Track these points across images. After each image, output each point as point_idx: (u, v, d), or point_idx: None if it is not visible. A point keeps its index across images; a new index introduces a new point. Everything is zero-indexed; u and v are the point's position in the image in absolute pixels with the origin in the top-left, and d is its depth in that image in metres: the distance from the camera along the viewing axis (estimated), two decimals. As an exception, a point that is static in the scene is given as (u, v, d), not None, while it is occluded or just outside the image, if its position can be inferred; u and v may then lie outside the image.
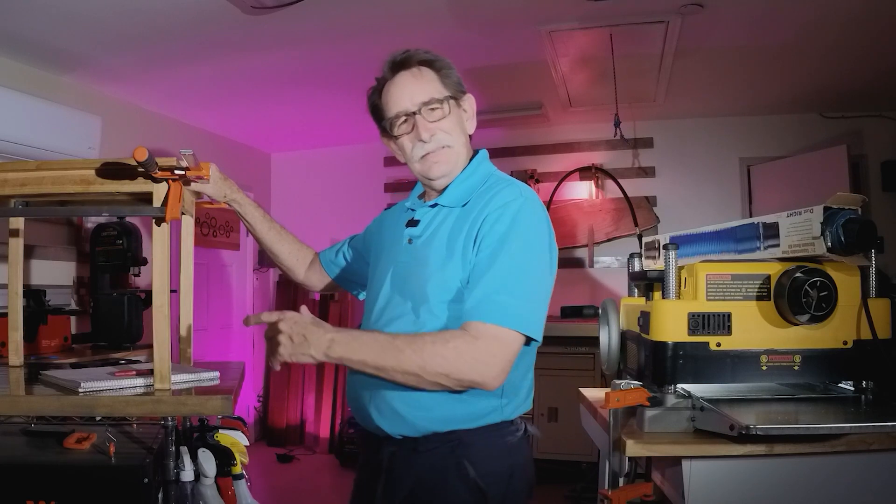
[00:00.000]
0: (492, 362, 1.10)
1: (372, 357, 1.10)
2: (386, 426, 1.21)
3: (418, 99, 1.26)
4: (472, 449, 1.18)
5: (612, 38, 3.00)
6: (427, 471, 1.18)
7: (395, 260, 1.31)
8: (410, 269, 1.26)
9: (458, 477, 1.17)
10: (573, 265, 4.55)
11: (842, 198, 1.32)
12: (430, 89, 1.27)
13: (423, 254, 1.25)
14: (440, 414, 1.17)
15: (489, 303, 1.12)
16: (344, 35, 2.95)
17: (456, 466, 1.17)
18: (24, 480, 1.44)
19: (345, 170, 5.18)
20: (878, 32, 2.91)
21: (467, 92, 1.35)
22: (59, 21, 2.62)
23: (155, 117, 4.02)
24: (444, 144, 1.28)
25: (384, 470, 1.23)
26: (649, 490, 1.45)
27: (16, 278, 1.57)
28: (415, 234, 1.30)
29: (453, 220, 1.25)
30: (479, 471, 1.17)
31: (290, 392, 4.96)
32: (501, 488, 1.19)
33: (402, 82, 1.28)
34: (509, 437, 1.23)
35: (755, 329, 1.37)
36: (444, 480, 1.17)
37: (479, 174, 1.32)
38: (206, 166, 1.36)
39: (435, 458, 1.18)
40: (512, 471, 1.22)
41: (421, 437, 1.19)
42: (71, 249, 3.33)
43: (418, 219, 1.32)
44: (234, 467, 1.98)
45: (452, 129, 1.29)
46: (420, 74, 1.29)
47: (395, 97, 1.28)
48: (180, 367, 1.49)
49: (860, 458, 1.27)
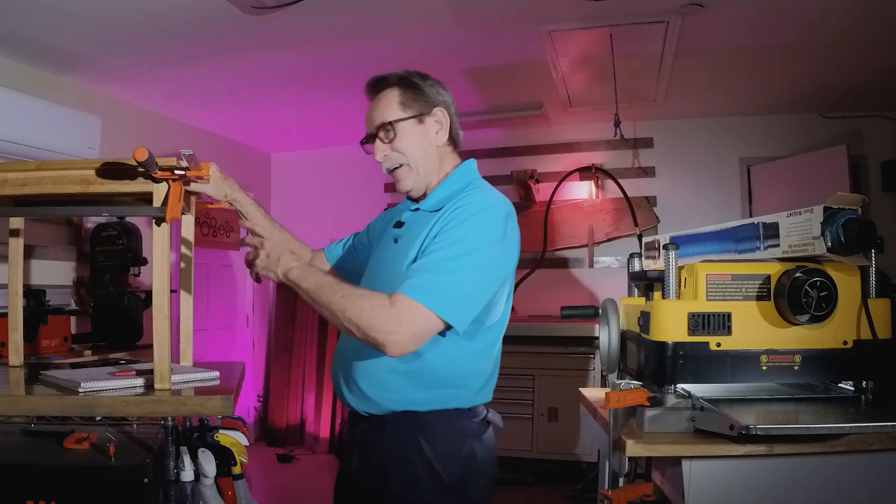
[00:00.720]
0: (397, 329, 1.15)
1: (313, 289, 1.22)
2: (355, 404, 1.33)
3: (374, 124, 1.38)
4: (429, 430, 1.27)
5: (612, 38, 3.00)
6: (394, 447, 1.28)
7: (382, 258, 1.42)
8: (390, 268, 1.35)
9: (417, 455, 1.26)
10: (573, 265, 4.56)
11: (842, 198, 1.32)
12: (385, 113, 1.36)
13: (401, 254, 1.34)
14: (400, 396, 1.27)
15: (416, 279, 1.19)
16: (344, 35, 2.95)
17: (416, 445, 1.26)
18: (24, 480, 1.44)
19: (345, 170, 5.17)
20: (878, 32, 2.91)
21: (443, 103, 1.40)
22: (59, 21, 2.62)
23: (155, 117, 4.02)
24: (396, 164, 1.37)
25: (358, 444, 1.34)
26: (649, 490, 1.45)
27: (16, 278, 1.57)
28: (399, 234, 1.40)
29: (430, 223, 1.32)
30: (435, 452, 1.26)
31: (290, 392, 4.96)
32: (457, 470, 1.27)
33: (369, 106, 1.41)
34: (466, 421, 1.31)
35: (755, 329, 1.37)
36: (407, 457, 1.26)
37: (461, 182, 1.38)
38: (205, 166, 1.36)
39: (400, 435, 1.27)
40: (468, 454, 1.29)
41: (387, 414, 1.29)
42: (71, 249, 3.33)
43: (403, 221, 1.42)
44: (234, 467, 1.99)
45: (409, 147, 1.36)
46: (379, 99, 1.39)
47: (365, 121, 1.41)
48: (180, 367, 1.49)
49: (860, 458, 1.27)
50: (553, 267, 4.56)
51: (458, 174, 1.40)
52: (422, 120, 1.38)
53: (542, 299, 4.35)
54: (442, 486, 1.25)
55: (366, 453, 1.33)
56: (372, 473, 1.31)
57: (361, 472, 1.33)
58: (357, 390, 1.31)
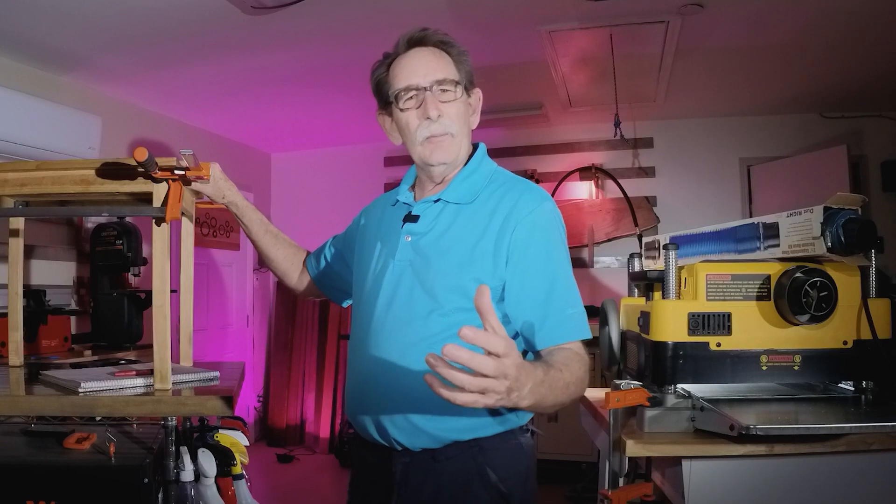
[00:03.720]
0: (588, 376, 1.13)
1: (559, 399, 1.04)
2: (405, 440, 1.17)
3: (432, 76, 1.21)
4: (493, 454, 1.17)
5: (612, 38, 3.00)
6: (448, 479, 1.16)
7: (393, 257, 1.24)
8: (417, 269, 1.19)
9: (481, 483, 1.16)
10: (573, 265, 4.53)
11: (842, 198, 1.32)
12: (445, 69, 1.22)
13: (432, 253, 1.19)
14: (463, 424, 1.15)
15: (569, 320, 1.15)
16: (344, 35, 2.95)
17: (478, 473, 1.16)
18: (24, 480, 1.44)
19: (345, 170, 5.17)
20: (878, 32, 2.91)
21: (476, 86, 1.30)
22: (59, 21, 2.62)
23: (155, 117, 4.02)
24: (448, 131, 1.22)
25: (397, 483, 1.18)
26: (649, 490, 1.45)
27: (16, 278, 1.57)
28: (417, 230, 1.24)
29: (465, 219, 1.21)
30: (499, 475, 1.17)
31: (290, 392, 4.96)
32: (521, 489, 1.20)
33: (417, 56, 1.23)
34: (522, 439, 1.23)
35: (755, 329, 1.37)
36: (466, 487, 1.16)
37: (483, 170, 1.28)
38: (206, 166, 1.35)
39: (456, 467, 1.16)
40: (527, 471, 1.23)
41: (440, 447, 1.16)
42: (71, 249, 3.33)
43: (417, 214, 1.26)
44: (234, 467, 1.98)
45: (458, 117, 1.23)
46: (432, 52, 1.24)
47: (407, 70, 1.22)
48: (180, 367, 1.49)
49: (860, 458, 1.27)
50: (553, 267, 4.55)
51: (477, 160, 1.28)
52: (468, 94, 1.27)
53: (542, 299, 4.33)
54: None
55: (409, 494, 1.18)
56: None
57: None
58: (406, 424, 1.15)
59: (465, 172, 1.26)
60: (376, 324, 1.21)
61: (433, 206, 1.25)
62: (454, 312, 1.15)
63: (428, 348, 1.00)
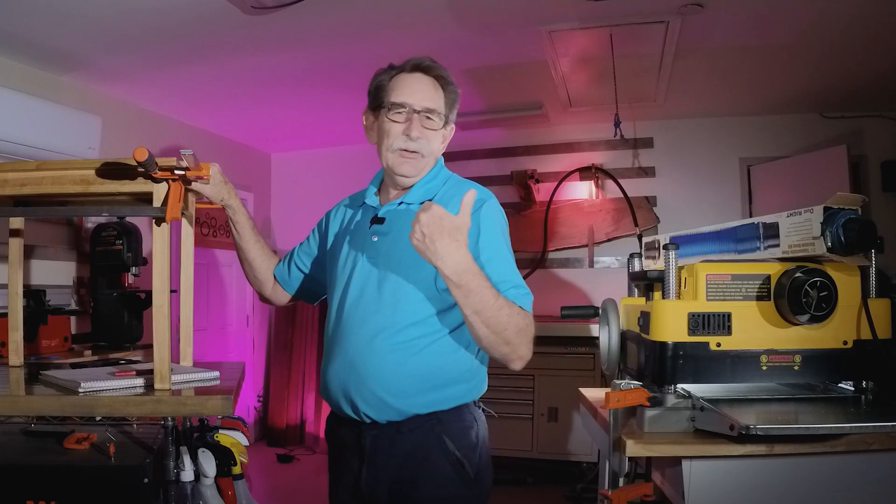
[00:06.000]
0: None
1: (496, 316, 1.21)
2: (373, 414, 1.31)
3: (425, 103, 1.38)
4: (449, 426, 1.32)
5: (612, 38, 3.00)
6: (411, 448, 1.31)
7: (361, 256, 1.39)
8: (382, 266, 1.35)
9: (440, 450, 1.31)
10: (573, 265, 4.56)
11: (842, 198, 1.32)
12: (437, 101, 1.40)
13: (394, 250, 1.34)
14: (422, 399, 1.30)
15: (521, 294, 1.29)
16: (344, 35, 2.95)
17: (437, 442, 1.31)
18: (24, 480, 1.44)
19: (345, 170, 5.16)
20: (878, 32, 2.91)
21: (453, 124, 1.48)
22: (59, 21, 2.62)
23: (155, 117, 4.02)
24: (421, 151, 1.38)
25: (367, 453, 1.33)
26: (649, 490, 1.45)
27: (16, 278, 1.57)
28: (382, 230, 1.39)
29: None
30: (456, 444, 1.32)
31: (290, 392, 4.96)
32: (475, 457, 1.34)
33: (418, 80, 1.40)
34: (475, 414, 1.39)
35: (755, 329, 1.37)
36: (427, 455, 1.30)
37: (441, 177, 1.45)
38: (206, 166, 1.35)
39: (417, 437, 1.31)
40: (479, 442, 1.36)
41: (404, 419, 1.30)
42: (71, 249, 3.33)
43: (383, 216, 1.41)
44: (234, 467, 1.99)
45: (434, 143, 1.41)
46: (433, 84, 1.41)
47: (406, 89, 1.39)
48: (180, 367, 1.49)
49: (860, 458, 1.27)
50: (553, 267, 4.56)
51: (436, 169, 1.45)
52: (445, 126, 1.45)
53: (542, 299, 4.31)
54: (467, 478, 1.32)
55: (378, 461, 1.32)
56: (388, 481, 1.31)
57: (374, 481, 1.32)
58: (374, 399, 1.30)
59: (426, 179, 1.43)
60: (347, 314, 1.36)
61: (397, 208, 1.41)
62: (416, 303, 1.31)
63: (393, 335, 1.30)
